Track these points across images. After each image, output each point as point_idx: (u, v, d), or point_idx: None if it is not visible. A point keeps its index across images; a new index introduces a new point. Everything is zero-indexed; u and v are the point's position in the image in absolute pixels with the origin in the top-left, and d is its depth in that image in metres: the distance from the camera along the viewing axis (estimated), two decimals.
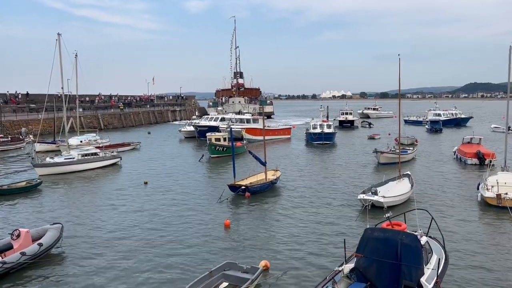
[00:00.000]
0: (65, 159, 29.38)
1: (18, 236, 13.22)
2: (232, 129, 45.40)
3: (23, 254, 12.52)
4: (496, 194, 18.44)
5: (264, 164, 23.46)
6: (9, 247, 12.91)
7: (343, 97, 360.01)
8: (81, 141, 39.47)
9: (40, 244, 13.19)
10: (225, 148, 35.42)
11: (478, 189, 20.43)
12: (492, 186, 19.10)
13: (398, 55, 22.49)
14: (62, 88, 31.69)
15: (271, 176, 23.92)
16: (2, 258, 12.33)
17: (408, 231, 10.32)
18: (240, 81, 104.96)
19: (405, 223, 11.75)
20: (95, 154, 31.11)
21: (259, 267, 11.47)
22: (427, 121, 66.10)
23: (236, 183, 21.84)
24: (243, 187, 21.25)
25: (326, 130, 45.01)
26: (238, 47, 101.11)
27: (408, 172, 23.52)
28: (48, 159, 29.30)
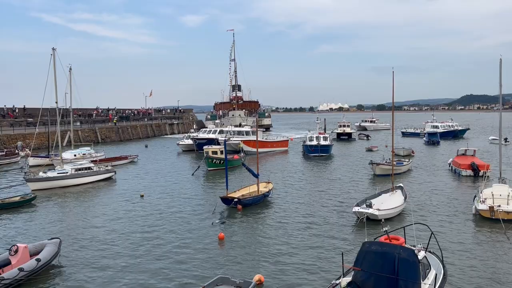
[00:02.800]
0: (58, 173, 29.09)
1: (16, 251, 13.19)
2: (231, 142, 46.05)
3: (21, 270, 12.47)
4: (489, 207, 18.53)
5: (256, 176, 23.54)
6: (7, 263, 12.89)
7: (340, 109, 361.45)
8: (75, 155, 39.23)
9: (38, 260, 13.15)
10: (222, 161, 35.49)
11: (474, 201, 20.54)
12: (486, 199, 19.20)
13: (392, 68, 22.84)
14: (57, 102, 31.75)
15: (263, 188, 23.98)
16: (0, 274, 12.29)
17: (405, 246, 10.37)
18: (239, 94, 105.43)
19: (405, 237, 11.81)
20: (89, 168, 30.86)
21: (252, 281, 11.44)
22: (425, 133, 66.47)
23: (228, 195, 21.88)
24: (235, 200, 21.25)
25: (322, 142, 45.24)
26: (234, 59, 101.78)
27: (401, 184, 23.68)
28: (41, 174, 29.06)
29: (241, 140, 46.71)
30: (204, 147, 40.52)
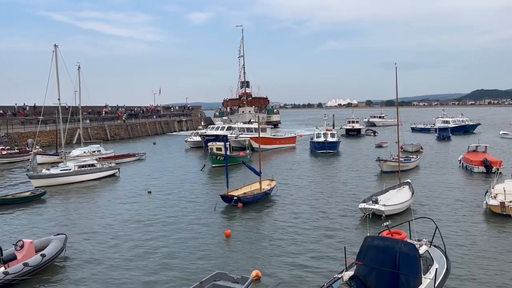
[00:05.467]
0: (61, 170, 29.22)
1: (22, 246, 13.35)
2: (239, 139, 46.01)
3: (25, 265, 12.62)
4: (500, 202, 18.26)
5: (259, 174, 23.46)
6: (13, 258, 13.06)
7: (349, 105, 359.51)
8: (84, 152, 39.73)
9: (43, 255, 13.29)
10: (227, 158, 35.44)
11: (485, 196, 20.23)
12: (497, 194, 18.94)
13: (395, 63, 22.59)
14: (59, 99, 31.82)
15: (266, 186, 23.80)
16: (6, 268, 12.46)
17: (407, 240, 10.30)
18: (247, 90, 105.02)
19: (409, 232, 11.70)
20: (92, 165, 30.97)
21: (249, 277, 11.43)
22: (435, 129, 65.87)
23: (228, 193, 21.83)
24: (235, 198, 21.20)
25: (330, 139, 44.88)
26: (242, 56, 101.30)
27: (409, 180, 23.44)
28: (44, 171, 29.22)
29: (250, 137, 46.53)
30: (209, 143, 40.54)
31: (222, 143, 38.86)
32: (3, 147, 43.49)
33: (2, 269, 12.36)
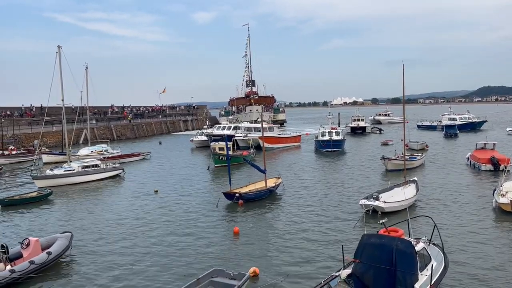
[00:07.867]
0: (64, 171, 29.33)
1: (28, 245, 13.63)
2: (242, 138, 46.12)
3: (32, 262, 12.87)
4: (510, 200, 18.15)
5: (263, 171, 23.56)
6: (19, 256, 13.34)
7: (354, 103, 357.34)
8: (91, 152, 40.20)
9: (49, 253, 13.56)
10: (229, 157, 35.49)
11: (494, 194, 20.06)
12: (507, 192, 18.82)
13: (402, 61, 22.61)
14: (63, 100, 32.06)
15: (271, 184, 23.94)
16: (12, 267, 12.73)
17: (403, 237, 10.38)
18: (253, 89, 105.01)
19: (409, 230, 11.76)
20: (96, 166, 31.01)
21: (246, 273, 11.57)
22: (441, 126, 65.57)
23: (231, 191, 21.98)
24: (237, 195, 21.37)
25: (334, 137, 44.87)
26: (246, 55, 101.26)
27: (415, 178, 23.36)
28: (48, 171, 29.38)
29: (259, 136, 46.52)
30: (211, 143, 40.55)
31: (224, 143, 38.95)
32: (12, 147, 44.14)
33: (9, 267, 12.63)
